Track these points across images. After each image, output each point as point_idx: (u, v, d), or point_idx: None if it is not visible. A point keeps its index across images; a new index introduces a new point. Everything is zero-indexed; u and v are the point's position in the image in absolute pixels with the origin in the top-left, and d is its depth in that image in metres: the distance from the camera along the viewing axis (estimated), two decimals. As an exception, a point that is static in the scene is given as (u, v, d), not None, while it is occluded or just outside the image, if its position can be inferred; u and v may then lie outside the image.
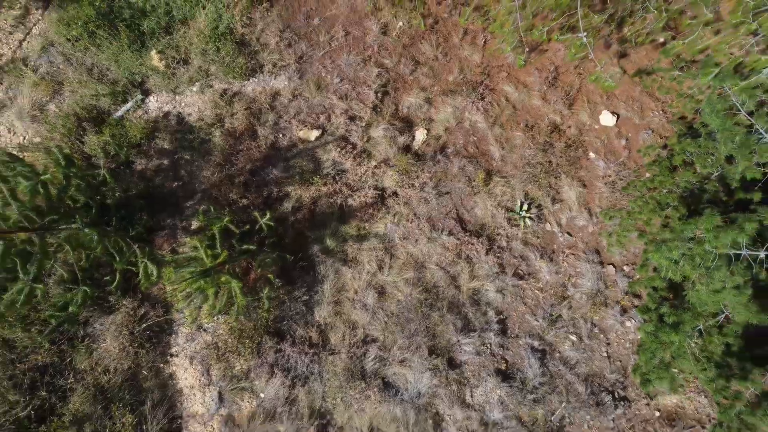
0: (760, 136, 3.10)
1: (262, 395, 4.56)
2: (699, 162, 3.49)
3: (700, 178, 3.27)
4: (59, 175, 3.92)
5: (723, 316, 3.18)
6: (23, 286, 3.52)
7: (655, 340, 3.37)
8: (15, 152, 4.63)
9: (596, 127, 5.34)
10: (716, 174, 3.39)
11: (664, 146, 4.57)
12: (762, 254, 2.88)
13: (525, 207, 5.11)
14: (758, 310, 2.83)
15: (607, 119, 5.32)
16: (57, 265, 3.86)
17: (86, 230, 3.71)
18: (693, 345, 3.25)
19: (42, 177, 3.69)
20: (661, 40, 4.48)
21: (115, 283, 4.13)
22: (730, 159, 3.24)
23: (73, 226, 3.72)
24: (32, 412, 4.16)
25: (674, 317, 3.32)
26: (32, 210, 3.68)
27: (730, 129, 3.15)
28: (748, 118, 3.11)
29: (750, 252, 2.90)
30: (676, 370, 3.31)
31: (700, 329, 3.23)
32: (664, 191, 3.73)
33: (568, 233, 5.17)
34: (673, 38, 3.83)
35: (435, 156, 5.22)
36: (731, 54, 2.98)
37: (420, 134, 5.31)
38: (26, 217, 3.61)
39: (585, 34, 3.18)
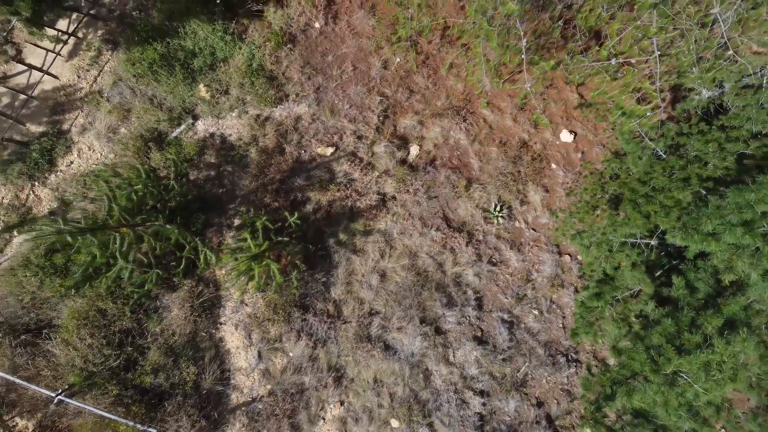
0: (659, 154, 4.34)
1: (291, 354, 5.90)
2: (622, 174, 4.73)
3: (621, 185, 4.48)
4: (141, 185, 5.26)
5: (637, 289, 4.40)
6: (123, 266, 4.87)
7: (583, 305, 4.61)
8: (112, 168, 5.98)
9: (557, 143, 6.58)
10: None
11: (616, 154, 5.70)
12: (653, 242, 4.11)
13: (498, 208, 6.36)
14: (649, 281, 4.05)
15: (566, 136, 6.56)
16: (139, 253, 5.21)
17: (167, 226, 5.06)
18: (611, 310, 4.46)
19: (134, 187, 5.05)
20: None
21: (181, 267, 5.49)
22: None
23: (156, 223, 5.07)
24: (121, 363, 5.54)
25: (596, 289, 4.56)
26: (126, 212, 5.03)
27: (635, 151, 4.40)
28: (650, 142, 4.34)
29: (643, 240, 4.14)
30: (598, 328, 4.52)
31: (618, 298, 4.46)
32: (597, 196, 4.96)
33: (533, 229, 6.43)
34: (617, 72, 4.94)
35: (426, 167, 6.50)
36: (625, 100, 4.22)
37: (414, 150, 6.59)
38: (123, 217, 4.97)
39: (529, 84, 4.43)
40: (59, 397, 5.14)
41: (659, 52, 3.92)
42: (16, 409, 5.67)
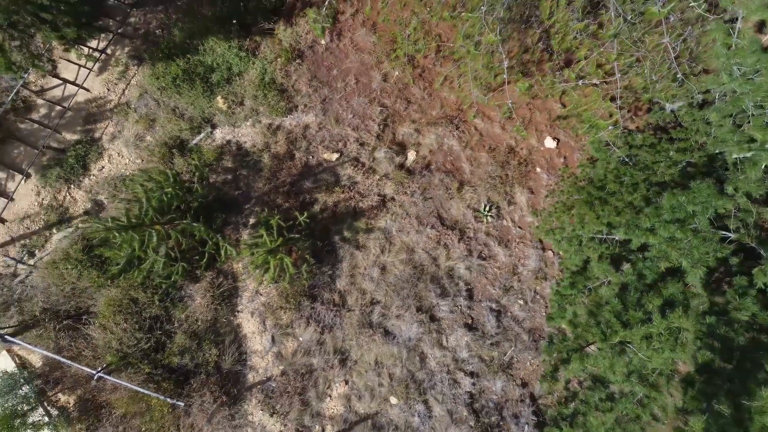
0: (625, 162, 4.99)
1: (301, 338, 6.60)
2: (596, 178, 5.39)
3: (583, 189, 5.13)
4: (170, 188, 5.97)
5: (607, 279, 5.04)
6: (156, 259, 5.59)
7: (558, 294, 5.26)
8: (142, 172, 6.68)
9: (542, 148, 7.23)
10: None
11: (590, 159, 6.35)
12: (617, 237, 4.76)
13: (487, 208, 7.02)
14: (614, 271, 4.69)
15: (549, 143, 7.20)
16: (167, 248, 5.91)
17: (194, 224, 5.76)
18: (584, 298, 5.09)
19: (165, 190, 5.75)
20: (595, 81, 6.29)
21: (204, 261, 6.20)
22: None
23: (184, 221, 5.78)
24: (151, 345, 6.26)
25: (571, 280, 5.22)
26: (157, 211, 5.74)
27: (604, 158, 5.05)
28: (616, 150, 4.99)
29: (609, 236, 4.79)
30: (571, 313, 5.16)
31: (590, 288, 5.11)
32: (572, 197, 5.62)
33: (520, 227, 7.09)
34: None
35: (422, 171, 7.17)
36: (593, 115, 4.88)
37: (411, 155, 7.27)
38: (155, 217, 5.68)
39: (510, 101, 5.10)
40: (99, 374, 5.87)
41: (620, 75, 4.58)
42: (59, 386, 6.41)
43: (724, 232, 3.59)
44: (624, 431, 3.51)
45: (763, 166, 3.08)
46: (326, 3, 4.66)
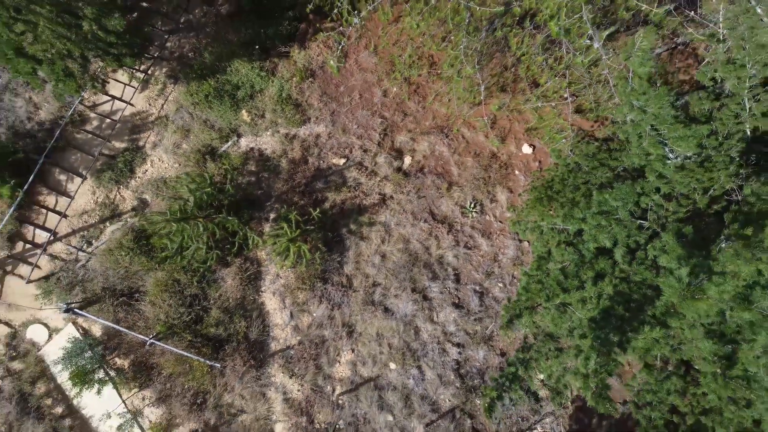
0: (579, 167, 6.18)
1: (314, 314, 7.88)
2: (551, 180, 6.58)
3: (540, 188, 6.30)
4: (209, 188, 7.25)
5: (566, 261, 6.24)
6: (198, 247, 6.88)
7: (527, 274, 6.46)
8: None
9: (520, 154, 8.42)
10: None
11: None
12: (571, 228, 5.95)
13: (473, 205, 8.23)
14: (569, 254, 5.86)
15: (526, 149, 8.40)
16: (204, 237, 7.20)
17: (229, 218, 7.06)
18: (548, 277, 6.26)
19: (204, 190, 7.05)
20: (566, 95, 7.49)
21: (235, 249, 7.49)
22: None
23: (220, 216, 7.08)
24: (192, 318, 7.57)
25: (536, 263, 6.41)
26: (198, 207, 7.04)
27: (565, 164, 6.25)
28: (572, 155, 6.18)
29: (563, 227, 5.99)
30: (525, 281, 6.31)
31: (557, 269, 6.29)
32: (541, 197, 6.80)
33: (500, 221, 8.29)
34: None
35: (416, 173, 8.40)
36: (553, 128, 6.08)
37: (407, 160, 8.50)
38: (197, 211, 6.97)
39: (486, 118, 6.33)
40: (151, 340, 7.19)
41: (571, 98, 5.80)
42: (116, 351, 7.75)
43: (641, 221, 4.77)
44: (565, 371, 4.70)
45: (654, 173, 4.25)
46: (340, 47, 5.89)
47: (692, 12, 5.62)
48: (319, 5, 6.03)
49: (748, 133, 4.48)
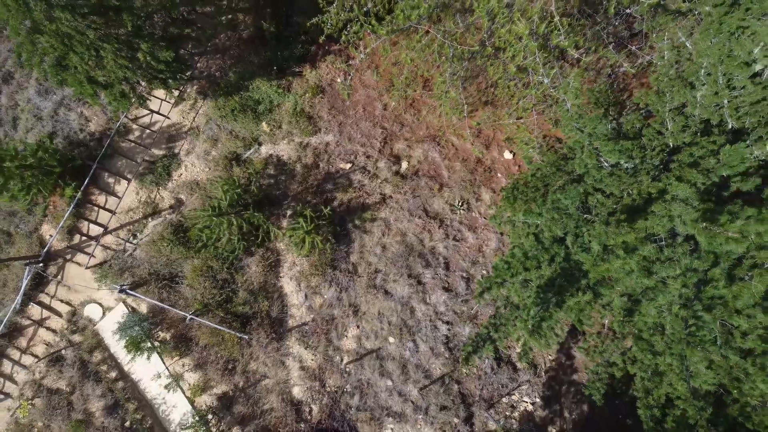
0: (546, 173, 7.49)
1: (325, 296, 9.28)
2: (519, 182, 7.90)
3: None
4: (239, 189, 8.66)
5: (535, 250, 7.57)
6: (230, 238, 8.31)
7: (503, 261, 7.78)
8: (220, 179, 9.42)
9: (502, 159, 9.74)
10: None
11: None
12: (539, 222, 7.27)
13: (461, 203, 9.56)
14: (539, 246, 7.20)
15: (507, 155, 9.71)
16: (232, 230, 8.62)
17: (255, 214, 8.48)
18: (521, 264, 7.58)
19: (235, 190, 8.48)
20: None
21: (259, 240, 8.91)
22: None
23: (248, 212, 8.51)
24: (223, 298, 9.02)
25: (512, 251, 7.73)
26: (230, 205, 8.47)
27: (533, 168, 7.56)
28: (541, 161, 7.49)
29: (525, 220, 7.29)
30: (495, 263, 7.68)
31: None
32: (509, 197, 8.12)
33: (484, 218, 9.61)
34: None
35: (412, 176, 9.75)
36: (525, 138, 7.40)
37: (404, 164, 9.85)
38: (228, 208, 8.39)
39: (469, 130, 7.67)
40: (190, 316, 8.63)
41: (537, 115, 7.12)
42: (160, 326, 9.22)
43: (587, 215, 6.08)
44: (530, 337, 6.04)
45: (592, 178, 5.53)
46: (348, 77, 7.27)
47: (633, 46, 6.92)
48: (330, 34, 7.36)
49: (671, 145, 5.75)
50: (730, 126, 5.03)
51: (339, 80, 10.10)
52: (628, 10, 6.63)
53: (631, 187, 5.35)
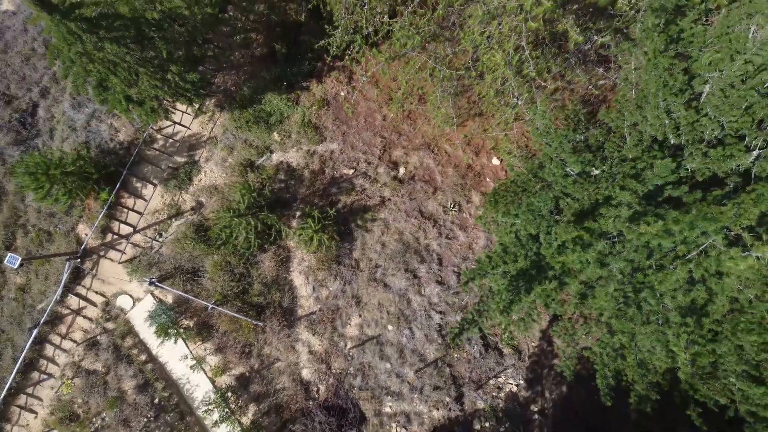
0: (524, 179, 8.52)
1: (330, 288, 10.36)
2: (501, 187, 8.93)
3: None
4: (254, 193, 9.76)
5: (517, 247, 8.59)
6: (246, 236, 9.41)
7: (486, 255, 8.81)
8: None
9: (490, 165, 10.76)
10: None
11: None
12: (516, 222, 8.29)
13: (453, 205, 10.59)
14: (519, 243, 8.23)
15: (495, 161, 10.73)
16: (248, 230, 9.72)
17: (269, 215, 9.58)
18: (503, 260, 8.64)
19: (252, 194, 9.58)
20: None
21: (272, 238, 10.01)
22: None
23: (263, 213, 9.61)
24: (240, 290, 10.14)
25: (497, 247, 8.75)
26: (246, 207, 9.56)
27: (514, 174, 8.59)
28: (521, 167, 8.52)
29: (509, 221, 8.32)
30: (479, 259, 8.73)
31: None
32: (491, 200, 9.14)
33: (474, 218, 10.65)
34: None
35: (409, 181, 10.80)
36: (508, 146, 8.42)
37: (402, 170, 10.90)
38: (245, 210, 9.49)
39: (458, 141, 8.71)
40: (211, 306, 9.75)
41: (516, 130, 8.14)
42: (183, 315, 10.34)
43: (557, 216, 7.10)
44: (508, 319, 7.07)
45: (560, 185, 6.54)
46: (352, 96, 8.34)
47: (601, 69, 7.93)
48: (336, 55, 8.42)
49: (629, 157, 6.74)
50: (672, 142, 6.03)
51: (343, 94, 11.19)
52: (595, 37, 7.64)
53: (593, 193, 6.37)
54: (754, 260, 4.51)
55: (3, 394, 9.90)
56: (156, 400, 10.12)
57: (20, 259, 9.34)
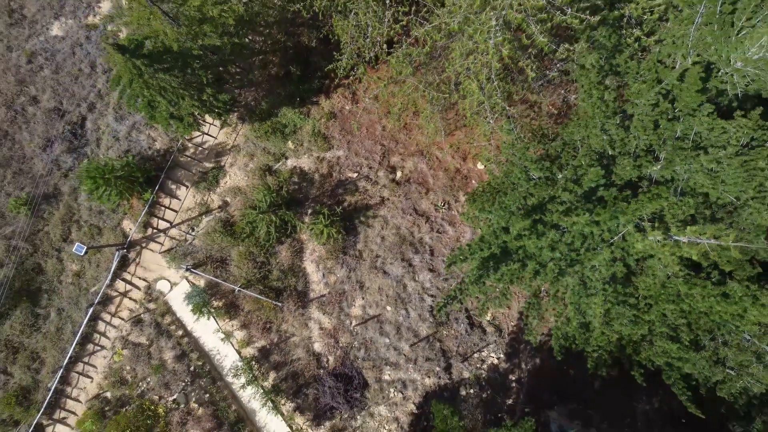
0: (499, 182, 10.19)
1: (338, 275, 12.13)
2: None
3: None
4: (274, 194, 11.54)
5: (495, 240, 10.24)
6: (267, 231, 11.22)
7: (467, 244, 10.51)
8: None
9: (476, 169, 12.42)
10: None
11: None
12: (490, 217, 9.96)
13: (443, 204, 12.28)
14: (492, 233, 9.90)
15: (480, 166, 12.39)
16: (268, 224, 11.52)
17: (287, 212, 11.38)
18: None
19: (272, 194, 11.38)
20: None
21: (288, 232, 11.81)
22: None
23: (281, 211, 11.41)
24: (262, 276, 11.93)
25: (476, 239, 10.43)
26: (268, 206, 11.36)
27: (493, 176, 10.27)
28: (497, 172, 10.18)
29: (484, 216, 10.00)
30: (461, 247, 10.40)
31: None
32: (470, 199, 10.81)
33: (462, 215, 12.33)
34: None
35: (405, 183, 12.50)
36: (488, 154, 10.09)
37: (399, 173, 12.62)
38: (267, 208, 11.28)
39: (446, 150, 10.40)
40: (238, 288, 11.57)
41: (494, 141, 9.81)
42: (213, 296, 12.21)
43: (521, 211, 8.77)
44: (483, 292, 8.74)
45: (524, 187, 8.18)
46: (358, 115, 10.09)
47: (563, 91, 9.58)
48: (342, 75, 10.14)
49: (584, 164, 8.37)
50: (609, 153, 7.68)
51: (347, 108, 12.94)
52: (558, 63, 9.28)
53: (550, 193, 8.02)
54: (650, 241, 6.17)
55: (65, 362, 11.84)
56: (191, 368, 12.01)
57: (86, 247, 11.24)
